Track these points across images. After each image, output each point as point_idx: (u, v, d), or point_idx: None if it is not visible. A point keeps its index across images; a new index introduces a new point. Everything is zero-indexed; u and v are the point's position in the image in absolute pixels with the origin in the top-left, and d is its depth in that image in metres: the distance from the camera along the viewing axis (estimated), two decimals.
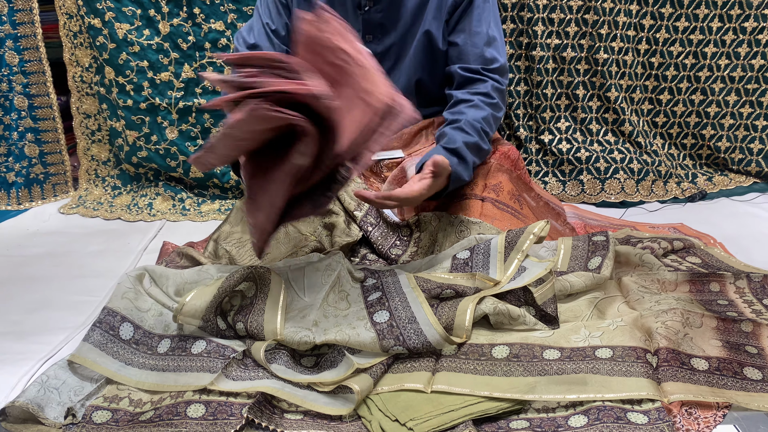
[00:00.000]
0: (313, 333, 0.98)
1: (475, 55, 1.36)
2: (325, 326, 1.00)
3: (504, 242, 1.14)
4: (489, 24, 1.37)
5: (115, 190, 1.99)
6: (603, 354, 0.94)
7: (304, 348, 0.99)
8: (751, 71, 1.85)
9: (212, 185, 1.93)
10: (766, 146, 1.90)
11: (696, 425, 0.84)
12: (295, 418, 0.88)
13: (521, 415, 0.88)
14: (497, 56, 1.37)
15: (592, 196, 1.87)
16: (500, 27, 1.41)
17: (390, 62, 1.42)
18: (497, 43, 1.38)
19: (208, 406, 0.89)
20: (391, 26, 1.37)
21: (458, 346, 0.98)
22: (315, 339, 0.97)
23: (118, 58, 1.80)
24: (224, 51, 1.83)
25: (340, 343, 0.96)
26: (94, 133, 2.01)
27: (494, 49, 1.37)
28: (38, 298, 1.36)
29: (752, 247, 1.49)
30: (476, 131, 1.28)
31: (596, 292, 1.13)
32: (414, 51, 1.38)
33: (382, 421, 0.85)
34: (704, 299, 1.16)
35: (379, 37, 1.38)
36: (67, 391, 0.96)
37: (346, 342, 0.96)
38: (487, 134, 1.31)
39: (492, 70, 1.36)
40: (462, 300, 1.02)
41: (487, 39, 1.37)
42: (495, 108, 1.34)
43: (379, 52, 1.40)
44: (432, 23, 1.35)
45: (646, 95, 1.92)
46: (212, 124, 1.88)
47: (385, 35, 1.38)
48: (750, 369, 0.94)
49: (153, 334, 1.04)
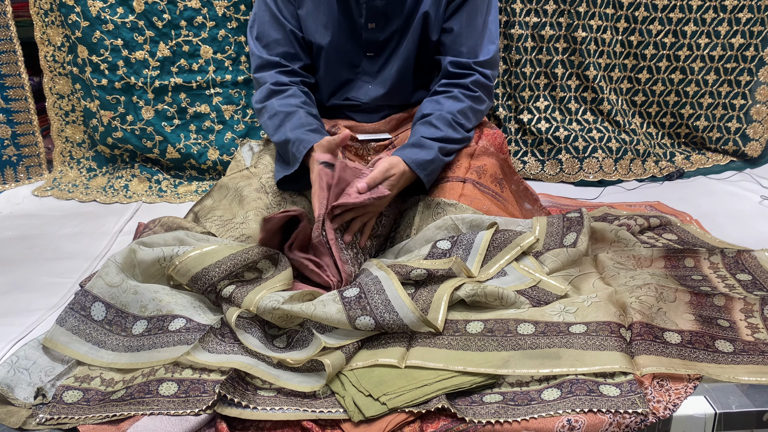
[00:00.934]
0: (283, 299, 0.97)
1: (468, 47, 1.35)
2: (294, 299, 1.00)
3: (487, 243, 1.13)
4: (487, 15, 1.36)
5: (90, 172, 1.96)
6: (577, 329, 0.95)
7: (270, 316, 0.98)
8: (730, 50, 1.86)
9: (189, 166, 1.91)
10: (743, 125, 1.91)
11: (667, 396, 0.85)
12: (268, 395, 0.88)
13: (495, 389, 0.88)
14: (490, 49, 1.35)
15: (570, 175, 1.88)
16: (497, 19, 1.39)
17: (391, 48, 1.40)
18: (492, 35, 1.36)
19: (181, 384, 0.89)
20: (393, 14, 1.35)
21: None
22: (281, 305, 0.96)
23: (92, 36, 1.77)
24: (200, 29, 1.80)
25: (306, 314, 0.95)
26: (68, 114, 1.98)
27: (488, 41, 1.35)
28: (10, 280, 1.34)
29: (727, 224, 1.51)
30: (447, 123, 1.28)
31: (571, 269, 1.14)
32: (412, 34, 1.37)
33: (356, 397, 0.85)
34: (679, 274, 1.17)
35: (381, 24, 1.37)
36: (37, 372, 0.94)
37: (312, 312, 0.94)
38: (461, 125, 1.31)
39: (482, 63, 1.35)
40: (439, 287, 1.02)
41: (482, 30, 1.35)
42: (476, 101, 1.34)
43: (381, 40, 1.38)
44: (432, 6, 1.34)
45: (625, 74, 1.92)
46: (188, 104, 1.85)
47: (387, 23, 1.37)
48: (721, 342, 0.95)
49: (127, 313, 1.02)
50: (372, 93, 1.43)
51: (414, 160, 1.22)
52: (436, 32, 1.37)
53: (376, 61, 1.42)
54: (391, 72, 1.41)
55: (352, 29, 1.38)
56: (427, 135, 1.27)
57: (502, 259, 1.12)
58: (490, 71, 1.36)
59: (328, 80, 1.44)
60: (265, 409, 0.84)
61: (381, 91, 1.43)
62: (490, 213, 1.26)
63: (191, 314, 1.01)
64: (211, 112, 1.87)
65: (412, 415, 0.83)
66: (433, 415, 0.83)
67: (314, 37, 1.39)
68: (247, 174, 1.38)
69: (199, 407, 0.84)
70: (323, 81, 1.44)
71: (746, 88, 1.88)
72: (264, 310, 0.97)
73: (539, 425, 0.80)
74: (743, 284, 1.13)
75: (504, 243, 1.13)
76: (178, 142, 1.86)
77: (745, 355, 0.93)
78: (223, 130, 1.89)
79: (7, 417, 0.87)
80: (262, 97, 1.35)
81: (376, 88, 1.43)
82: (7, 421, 0.87)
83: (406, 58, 1.39)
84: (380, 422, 0.82)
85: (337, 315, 0.94)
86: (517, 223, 1.21)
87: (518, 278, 1.08)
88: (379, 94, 1.43)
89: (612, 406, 0.81)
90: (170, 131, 1.86)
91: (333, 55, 1.40)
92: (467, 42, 1.35)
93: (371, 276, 1.04)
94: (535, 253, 1.15)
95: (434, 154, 1.25)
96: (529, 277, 1.08)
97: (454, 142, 1.30)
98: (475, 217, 1.19)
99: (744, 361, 0.92)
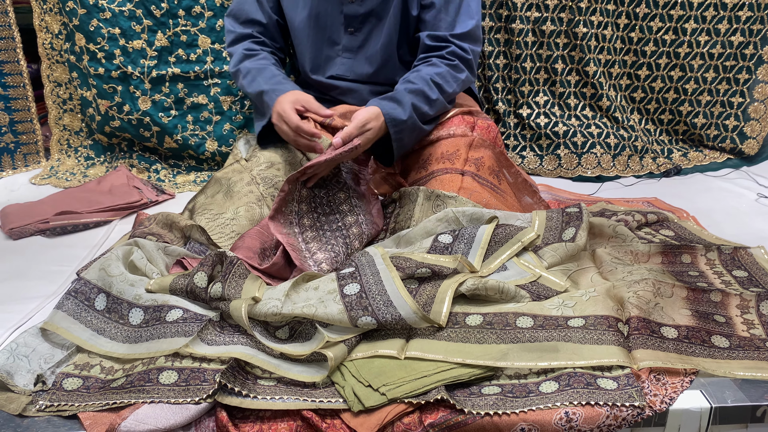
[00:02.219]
0: (282, 302, 0.96)
1: (447, 22, 1.38)
2: (294, 299, 0.98)
3: (489, 238, 1.13)
4: None
5: (88, 161, 1.95)
6: (575, 323, 0.95)
7: (272, 320, 0.97)
8: (730, 48, 1.86)
9: (187, 156, 1.90)
10: (741, 123, 1.92)
11: (663, 390, 0.86)
12: (268, 384, 0.88)
13: (493, 381, 0.89)
14: (468, 23, 1.38)
15: (568, 170, 1.88)
16: None
17: (371, 24, 1.42)
18: (471, 10, 1.39)
19: (181, 372, 0.89)
20: None
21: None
22: (282, 309, 0.95)
23: (89, 24, 1.75)
24: (198, 19, 1.79)
25: (308, 316, 0.94)
26: (65, 102, 1.97)
27: (467, 16, 1.38)
28: (9, 267, 1.34)
29: (724, 220, 1.52)
30: (423, 81, 1.31)
31: (570, 264, 1.14)
32: (393, 11, 1.38)
33: (356, 387, 0.85)
34: (675, 270, 1.18)
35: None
36: (37, 359, 0.94)
37: (313, 315, 0.94)
38: (438, 86, 1.33)
39: (458, 36, 1.38)
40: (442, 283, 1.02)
41: (460, 5, 1.38)
42: (454, 68, 1.36)
43: (361, 14, 1.41)
44: None
45: (624, 70, 1.92)
46: (186, 94, 1.84)
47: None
48: (717, 337, 0.96)
49: (122, 300, 1.02)
50: (357, 70, 1.46)
51: (390, 114, 1.26)
52: (416, 7, 1.40)
53: (357, 37, 1.44)
54: (375, 48, 1.44)
55: (331, 4, 1.42)
56: (403, 89, 1.30)
57: (504, 254, 1.12)
58: (468, 45, 1.38)
59: (308, 56, 1.48)
60: (265, 398, 0.84)
61: (367, 69, 1.46)
62: (489, 206, 1.26)
63: (187, 305, 1.01)
64: (209, 102, 1.86)
65: (411, 405, 0.83)
66: (432, 406, 0.84)
67: (293, 13, 1.44)
68: (238, 168, 1.38)
69: (199, 396, 0.84)
70: (304, 57, 1.49)
71: (745, 86, 1.89)
72: (266, 315, 0.96)
73: (537, 417, 0.81)
74: (739, 281, 1.14)
75: (505, 238, 1.14)
76: (175, 133, 1.86)
77: (740, 350, 0.94)
78: (221, 121, 1.88)
79: (7, 403, 0.87)
80: (236, 61, 1.44)
81: (360, 65, 1.46)
82: (6, 408, 0.87)
83: (388, 34, 1.42)
84: (380, 412, 0.82)
85: (338, 315, 0.94)
86: (516, 217, 1.21)
87: (518, 273, 1.09)
88: (365, 71, 1.46)
89: (609, 399, 0.82)
90: (167, 122, 1.85)
91: (313, 30, 1.44)
92: (445, 18, 1.38)
93: (373, 269, 1.03)
94: (533, 247, 1.16)
95: (408, 112, 1.28)
96: (529, 272, 1.09)
97: (429, 103, 1.32)
98: (475, 211, 1.20)
99: (739, 356, 0.93)
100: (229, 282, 1.01)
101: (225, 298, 0.99)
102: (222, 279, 1.01)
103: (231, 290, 1.00)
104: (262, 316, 0.96)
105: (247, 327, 0.94)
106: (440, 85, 1.33)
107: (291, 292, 0.99)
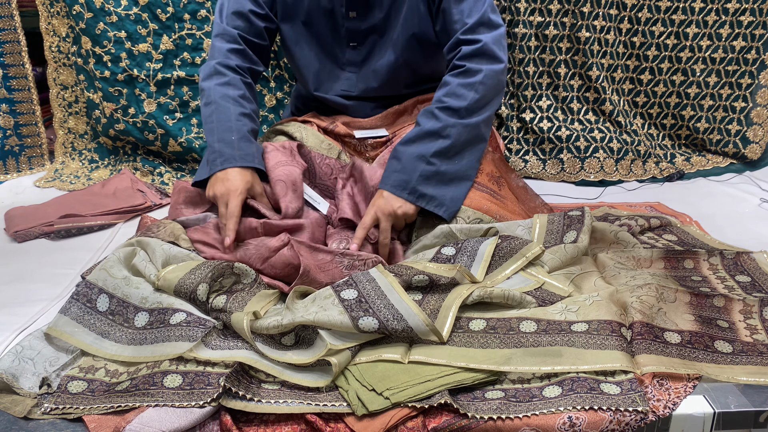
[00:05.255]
0: (282, 316, 0.96)
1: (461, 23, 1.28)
2: (293, 309, 0.98)
3: (492, 252, 1.12)
4: None
5: (92, 164, 1.96)
6: (579, 328, 0.95)
7: (274, 332, 0.97)
8: (732, 53, 1.86)
9: (191, 159, 1.91)
10: (743, 128, 1.92)
11: (667, 395, 0.86)
12: (272, 388, 0.88)
13: (497, 386, 0.89)
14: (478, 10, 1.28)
15: (571, 174, 1.89)
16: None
17: (374, 39, 1.40)
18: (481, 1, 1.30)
19: (185, 376, 0.89)
20: (374, 3, 1.35)
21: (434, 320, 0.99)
22: (283, 321, 0.95)
23: (95, 28, 1.77)
24: (203, 23, 1.80)
25: (309, 323, 0.94)
26: (71, 105, 1.98)
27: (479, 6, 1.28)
28: (14, 270, 1.35)
29: (726, 225, 1.52)
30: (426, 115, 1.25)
31: (573, 267, 1.14)
32: (401, 28, 1.36)
33: (359, 391, 0.86)
34: (678, 275, 1.18)
35: (362, 13, 1.36)
36: (42, 362, 0.95)
37: (314, 321, 0.93)
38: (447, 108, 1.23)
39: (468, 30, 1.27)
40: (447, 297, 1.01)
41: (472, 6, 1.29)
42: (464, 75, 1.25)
43: (363, 29, 1.38)
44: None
45: (627, 75, 1.93)
46: (191, 98, 1.85)
47: (368, 12, 1.36)
48: (721, 342, 0.96)
49: (128, 303, 1.03)
50: (361, 85, 1.44)
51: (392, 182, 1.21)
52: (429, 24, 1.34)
53: (360, 51, 1.42)
54: (379, 64, 1.40)
55: (332, 18, 1.39)
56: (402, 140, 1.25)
57: (508, 269, 1.11)
58: (479, 35, 1.26)
59: (312, 70, 1.44)
60: (269, 402, 0.85)
61: (371, 84, 1.43)
62: (490, 212, 1.26)
63: (191, 309, 1.01)
64: None
65: (414, 409, 0.83)
66: (435, 410, 0.84)
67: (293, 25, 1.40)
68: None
69: (203, 400, 0.84)
70: (307, 73, 1.45)
71: (747, 90, 1.89)
72: (267, 329, 0.95)
73: (540, 422, 0.81)
74: (742, 286, 1.14)
75: (510, 252, 1.12)
76: (180, 136, 1.87)
77: (743, 355, 0.94)
78: None
79: (12, 406, 0.88)
80: (205, 75, 1.34)
81: (365, 80, 1.43)
82: (12, 410, 0.87)
83: (396, 53, 1.38)
84: (383, 416, 0.83)
85: (339, 317, 0.92)
86: (517, 224, 1.21)
87: (522, 281, 1.08)
88: (369, 86, 1.43)
89: (612, 404, 0.82)
90: (172, 124, 1.86)
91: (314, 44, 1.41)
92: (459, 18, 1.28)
93: (369, 277, 1.02)
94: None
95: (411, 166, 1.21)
96: (533, 279, 1.09)
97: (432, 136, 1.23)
98: (472, 227, 1.19)
99: (743, 361, 0.93)
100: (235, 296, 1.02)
101: (226, 310, 1.00)
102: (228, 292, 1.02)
103: (234, 304, 1.00)
104: (264, 330, 0.96)
105: (250, 340, 0.94)
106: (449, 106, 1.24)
107: (290, 304, 1.00)
